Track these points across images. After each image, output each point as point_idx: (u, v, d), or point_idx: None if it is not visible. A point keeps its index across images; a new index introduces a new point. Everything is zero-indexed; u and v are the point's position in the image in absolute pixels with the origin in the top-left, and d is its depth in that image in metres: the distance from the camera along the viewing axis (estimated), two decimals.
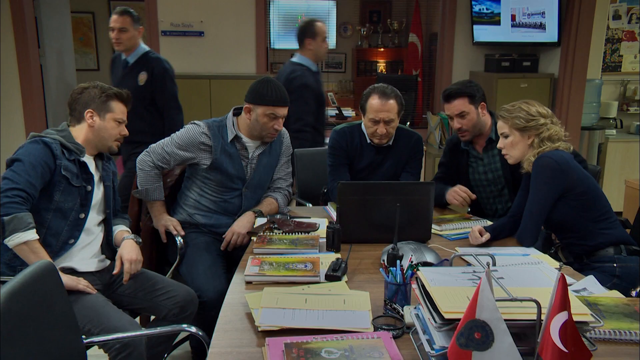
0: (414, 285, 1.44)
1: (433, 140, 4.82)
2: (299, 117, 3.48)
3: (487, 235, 2.25)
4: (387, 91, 2.64)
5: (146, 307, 2.24)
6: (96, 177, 2.19)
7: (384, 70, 8.30)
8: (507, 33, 4.62)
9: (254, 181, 2.62)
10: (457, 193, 2.63)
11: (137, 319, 2.30)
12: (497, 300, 1.16)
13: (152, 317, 2.37)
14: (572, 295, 1.25)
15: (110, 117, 2.18)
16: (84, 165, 2.12)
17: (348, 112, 6.53)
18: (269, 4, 7.73)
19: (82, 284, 2.00)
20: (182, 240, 2.51)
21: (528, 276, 1.48)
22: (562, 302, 1.13)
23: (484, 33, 4.79)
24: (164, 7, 4.63)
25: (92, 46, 8.06)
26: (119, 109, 2.21)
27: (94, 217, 2.19)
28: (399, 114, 2.68)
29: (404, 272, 1.66)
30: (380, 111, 2.62)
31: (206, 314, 2.33)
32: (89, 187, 2.14)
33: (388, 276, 1.68)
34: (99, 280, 2.16)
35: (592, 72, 4.87)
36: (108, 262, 2.26)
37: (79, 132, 2.17)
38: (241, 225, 2.50)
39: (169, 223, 2.56)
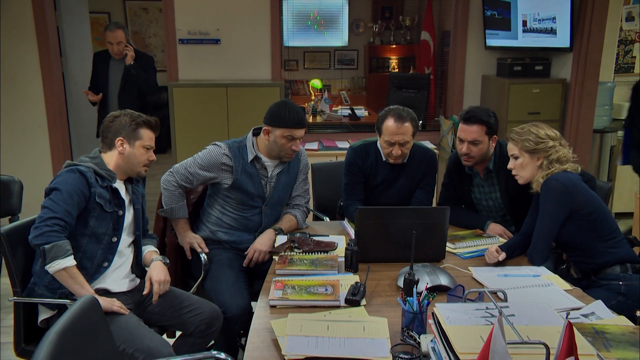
0: (431, 321, 1.55)
1: (445, 144, 4.89)
2: None
3: (503, 255, 2.34)
4: (402, 114, 2.72)
5: (174, 324, 2.37)
6: (126, 201, 2.31)
7: (395, 66, 8.35)
8: (519, 38, 4.66)
9: (273, 199, 2.73)
10: (499, 231, 2.70)
11: (165, 335, 2.43)
12: (508, 344, 1.26)
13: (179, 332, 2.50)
14: (577, 335, 1.35)
15: (139, 144, 2.30)
16: (115, 191, 2.25)
17: (361, 111, 6.61)
18: (282, 2, 7.84)
19: (116, 305, 2.12)
20: (206, 257, 2.63)
21: (537, 313, 1.58)
22: (569, 348, 1.22)
23: (495, 38, 4.83)
24: (181, 15, 4.72)
25: None
26: (147, 136, 2.32)
27: (125, 240, 2.31)
28: (414, 135, 2.76)
29: (420, 301, 1.76)
30: (396, 134, 2.70)
31: (229, 329, 2.46)
32: (121, 212, 2.26)
33: (405, 304, 1.78)
34: (130, 300, 2.29)
35: (605, 74, 4.91)
36: (138, 280, 2.39)
37: (110, 159, 2.28)
38: (262, 242, 2.61)
39: (193, 240, 2.68)
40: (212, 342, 2.53)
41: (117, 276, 2.28)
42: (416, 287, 1.98)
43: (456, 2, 5.00)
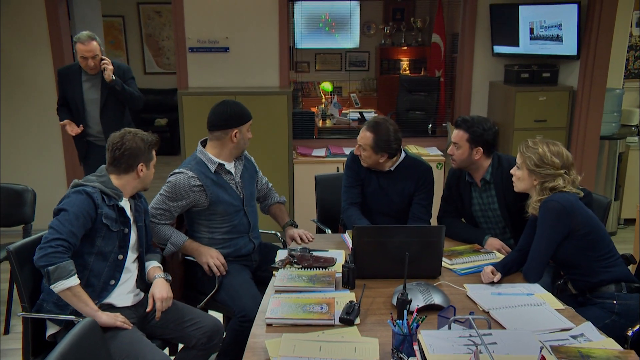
0: (416, 347, 1.60)
1: None
2: None
3: (498, 276, 2.38)
4: (372, 125, 2.86)
5: (176, 337, 2.45)
6: (131, 219, 2.39)
7: (407, 68, 8.36)
8: (526, 46, 4.66)
9: (248, 196, 2.83)
10: (497, 246, 2.75)
11: (167, 350, 2.52)
12: None
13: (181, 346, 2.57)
14: None
15: (152, 164, 2.40)
16: (122, 210, 2.32)
17: (370, 114, 6.63)
18: (293, 5, 7.87)
19: (119, 320, 2.19)
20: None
21: (519, 342, 1.62)
22: None
23: (502, 45, 4.83)
24: (191, 24, 4.79)
25: (122, 49, 8.32)
26: (154, 155, 2.43)
27: (130, 256, 2.39)
28: (373, 149, 2.85)
29: (410, 324, 1.81)
30: (359, 135, 2.89)
31: (249, 332, 2.51)
32: (126, 230, 2.34)
33: (395, 326, 1.84)
34: (134, 314, 2.36)
35: (614, 81, 4.89)
36: (142, 294, 2.46)
37: (121, 181, 2.35)
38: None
39: (211, 261, 2.66)
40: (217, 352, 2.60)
41: (122, 291, 2.36)
42: (409, 307, 2.05)
43: (464, 8, 5.01)
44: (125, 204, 2.37)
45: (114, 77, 3.87)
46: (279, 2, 4.78)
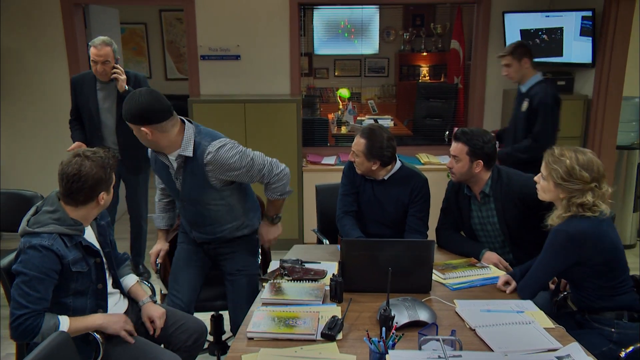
0: None
1: None
2: None
3: (511, 287, 2.39)
4: (367, 132, 2.85)
5: (162, 341, 2.44)
6: (98, 245, 2.26)
7: (426, 74, 8.28)
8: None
9: (185, 195, 2.59)
10: (495, 260, 2.70)
11: None
12: None
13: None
14: None
15: (112, 186, 2.23)
16: (87, 246, 2.15)
17: (387, 121, 6.60)
18: (312, 12, 7.89)
19: (126, 329, 2.21)
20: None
21: None
22: None
23: None
24: (203, 32, 4.84)
25: (145, 55, 8.44)
26: (114, 176, 2.24)
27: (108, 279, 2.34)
28: (366, 156, 2.83)
29: (385, 342, 1.79)
30: (354, 140, 2.88)
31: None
32: (99, 259, 2.21)
33: (372, 344, 1.81)
34: None
35: (632, 89, 4.74)
36: (126, 300, 2.46)
37: (80, 212, 2.14)
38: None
39: (153, 254, 2.85)
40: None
41: (111, 303, 2.33)
42: (391, 323, 2.02)
43: (477, 15, 4.95)
44: (88, 232, 2.21)
45: (127, 88, 3.70)
46: (290, 10, 4.79)
